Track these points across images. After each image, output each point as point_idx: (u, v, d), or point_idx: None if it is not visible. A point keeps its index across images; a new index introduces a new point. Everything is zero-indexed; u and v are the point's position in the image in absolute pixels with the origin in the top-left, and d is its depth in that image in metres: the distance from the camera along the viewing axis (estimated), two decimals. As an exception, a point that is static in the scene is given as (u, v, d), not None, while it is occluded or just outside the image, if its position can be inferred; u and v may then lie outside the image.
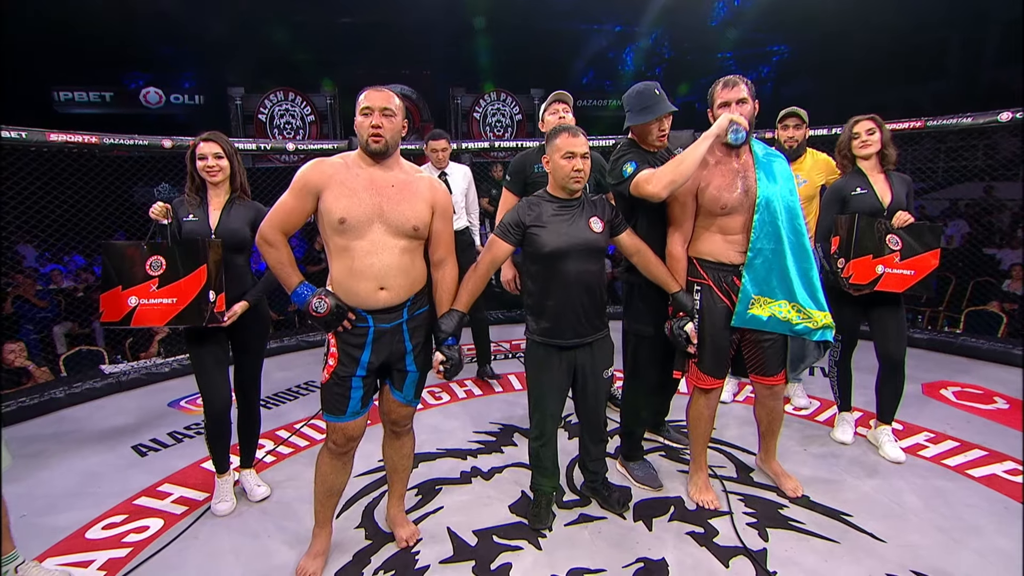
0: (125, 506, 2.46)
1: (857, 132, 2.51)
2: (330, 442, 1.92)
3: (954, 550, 2.03)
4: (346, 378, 1.83)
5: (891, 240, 2.45)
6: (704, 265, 2.20)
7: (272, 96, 11.31)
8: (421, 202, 1.83)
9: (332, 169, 1.77)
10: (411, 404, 2.00)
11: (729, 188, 2.09)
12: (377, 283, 1.77)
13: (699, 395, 2.31)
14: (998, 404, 3.25)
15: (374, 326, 1.82)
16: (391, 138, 1.77)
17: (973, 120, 3.79)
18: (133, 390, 3.90)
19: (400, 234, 1.78)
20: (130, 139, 3.83)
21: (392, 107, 1.76)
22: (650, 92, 2.20)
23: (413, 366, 1.93)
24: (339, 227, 1.73)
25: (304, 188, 1.76)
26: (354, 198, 1.73)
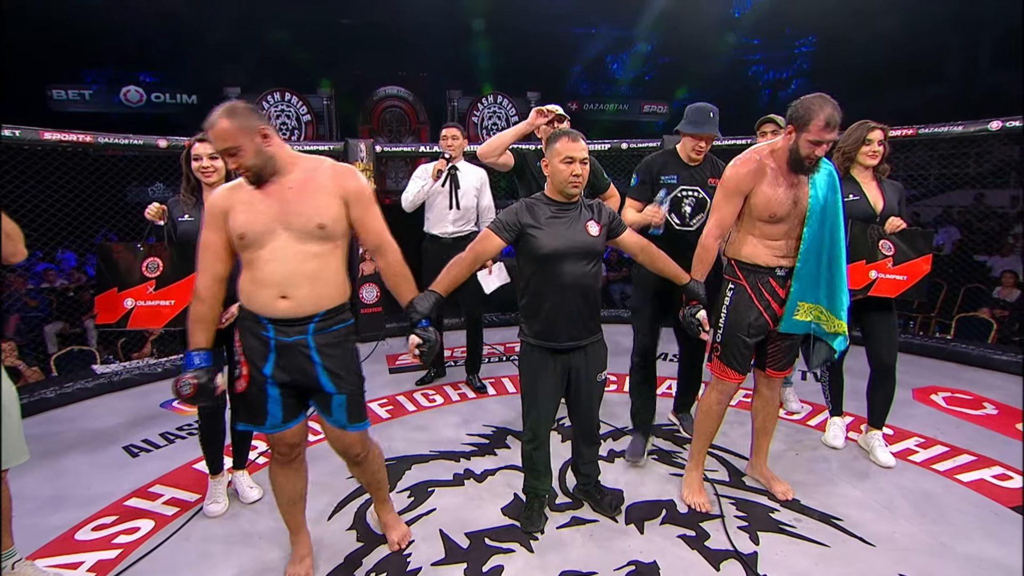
0: (116, 507, 2.45)
1: (870, 140, 2.51)
2: (275, 452, 1.87)
3: (943, 555, 2.04)
4: (260, 386, 1.74)
5: (884, 246, 2.48)
6: (742, 267, 2.22)
7: (269, 97, 11.31)
8: (325, 196, 1.70)
9: (230, 191, 1.72)
10: (349, 429, 1.84)
11: (781, 200, 2.09)
12: (277, 291, 1.67)
13: (714, 388, 2.32)
14: (987, 410, 3.28)
15: (274, 337, 1.71)
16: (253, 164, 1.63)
17: (964, 128, 3.83)
18: (125, 391, 3.88)
19: (306, 237, 1.67)
20: (125, 138, 3.82)
21: (230, 144, 1.59)
22: (705, 111, 2.50)
23: (331, 386, 1.76)
24: (241, 243, 1.67)
25: (213, 217, 1.71)
26: (251, 211, 1.66)
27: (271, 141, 1.65)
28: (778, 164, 2.10)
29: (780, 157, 2.10)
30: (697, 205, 2.61)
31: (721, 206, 2.18)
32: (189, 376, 1.68)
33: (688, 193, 2.61)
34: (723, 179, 2.18)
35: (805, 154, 2.00)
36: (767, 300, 2.18)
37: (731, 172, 2.15)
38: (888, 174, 2.64)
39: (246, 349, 1.75)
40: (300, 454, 1.91)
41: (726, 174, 2.17)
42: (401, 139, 12.37)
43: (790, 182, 2.09)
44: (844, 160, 2.61)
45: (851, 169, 2.61)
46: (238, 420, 1.83)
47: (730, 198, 2.15)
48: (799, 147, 2.01)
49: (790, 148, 2.04)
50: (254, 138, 1.61)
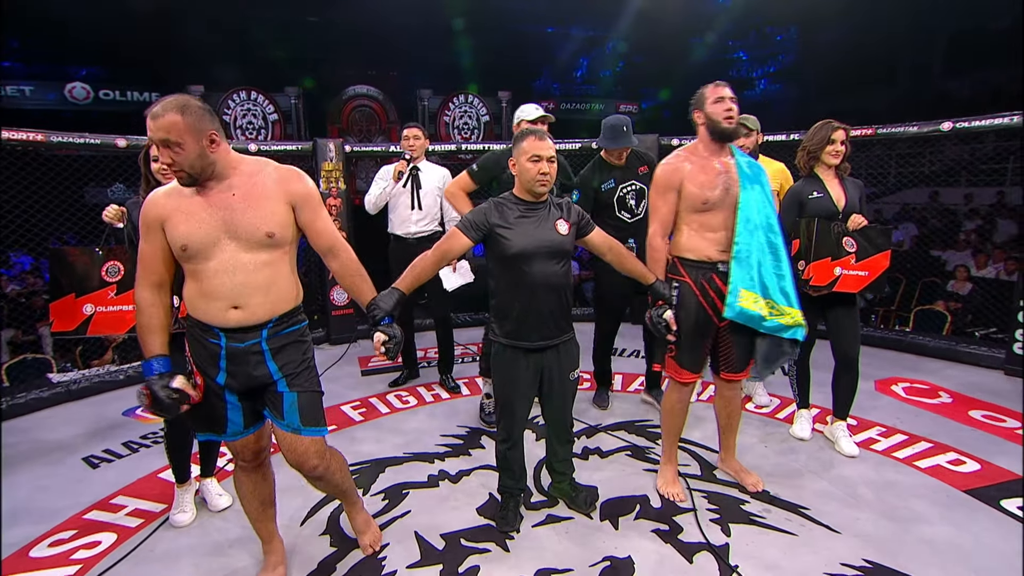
0: (74, 521, 2.36)
1: (834, 139, 2.59)
2: (239, 460, 1.80)
3: (903, 539, 2.12)
4: (218, 395, 1.68)
5: (847, 243, 2.55)
6: (684, 263, 2.26)
7: (235, 95, 11.03)
8: (272, 202, 1.62)
9: (166, 199, 1.61)
10: (302, 433, 1.73)
11: (711, 185, 2.17)
12: (229, 303, 1.60)
13: (674, 389, 2.37)
14: (943, 398, 3.41)
15: (226, 344, 1.64)
16: (191, 166, 1.53)
17: (919, 129, 3.98)
18: (84, 399, 3.73)
19: (254, 247, 1.60)
20: (80, 137, 3.67)
21: (173, 137, 1.49)
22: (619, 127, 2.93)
23: (283, 384, 1.70)
24: (183, 254, 1.59)
25: (148, 227, 1.61)
26: (192, 221, 1.56)
27: (217, 147, 1.57)
28: (706, 153, 2.23)
29: (705, 144, 2.23)
30: (638, 195, 3.08)
31: (658, 206, 2.26)
32: (144, 387, 1.60)
33: (628, 189, 3.08)
34: (654, 180, 2.27)
35: (718, 117, 2.15)
36: (711, 296, 2.22)
37: (659, 172, 2.25)
38: (849, 172, 2.72)
39: (195, 358, 1.68)
40: (265, 459, 1.87)
41: (656, 175, 2.27)
42: (371, 139, 12.21)
43: (718, 170, 2.19)
44: (809, 159, 2.68)
45: (815, 168, 2.68)
46: (198, 430, 1.75)
47: (664, 195, 2.23)
48: (710, 116, 2.17)
49: (707, 127, 2.20)
50: (200, 140, 1.53)
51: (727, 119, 2.14)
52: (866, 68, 12.62)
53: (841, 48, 12.77)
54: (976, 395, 3.44)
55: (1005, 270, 6.30)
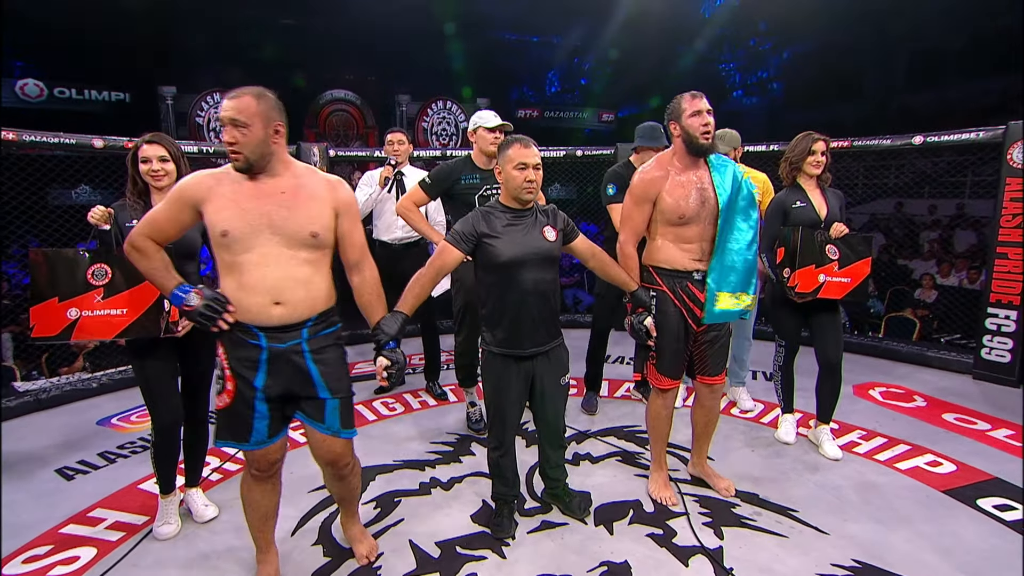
0: (50, 536, 2.26)
1: (815, 150, 2.66)
2: (252, 469, 1.78)
3: (888, 539, 2.18)
4: (248, 403, 1.67)
5: (830, 250, 2.63)
6: (660, 272, 2.28)
7: (208, 97, 10.81)
8: (319, 204, 1.67)
9: (213, 181, 1.63)
10: (341, 435, 1.78)
11: (686, 198, 2.18)
12: (270, 297, 1.61)
13: (656, 395, 2.40)
14: (917, 402, 3.53)
15: (267, 346, 1.65)
16: (251, 151, 1.58)
17: (892, 142, 4.14)
18: (55, 408, 3.58)
19: (296, 244, 1.63)
20: (55, 137, 3.55)
21: (243, 118, 1.55)
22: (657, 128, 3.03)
23: (326, 391, 1.73)
24: (222, 241, 1.59)
25: (180, 200, 1.63)
26: (236, 209, 1.59)
27: (279, 140, 1.64)
28: (681, 165, 2.22)
29: (680, 156, 2.22)
30: None
31: (632, 214, 2.26)
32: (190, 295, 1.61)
33: None
34: (630, 188, 2.26)
35: (695, 132, 2.13)
36: (688, 304, 2.26)
37: (636, 180, 2.25)
38: (830, 183, 2.81)
39: (232, 362, 1.67)
40: (278, 470, 1.84)
41: (632, 183, 2.26)
42: (348, 143, 12.10)
43: (695, 183, 2.20)
44: (791, 170, 2.76)
45: (797, 178, 2.76)
46: (220, 438, 1.72)
47: (639, 205, 2.24)
48: (686, 129, 2.15)
49: (683, 139, 2.18)
50: (267, 127, 1.59)
51: (704, 135, 2.13)
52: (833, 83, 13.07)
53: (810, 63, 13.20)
54: (948, 399, 3.57)
55: (968, 279, 6.57)
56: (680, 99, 2.19)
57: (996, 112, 8.36)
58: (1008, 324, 3.77)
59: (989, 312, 3.85)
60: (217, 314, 1.59)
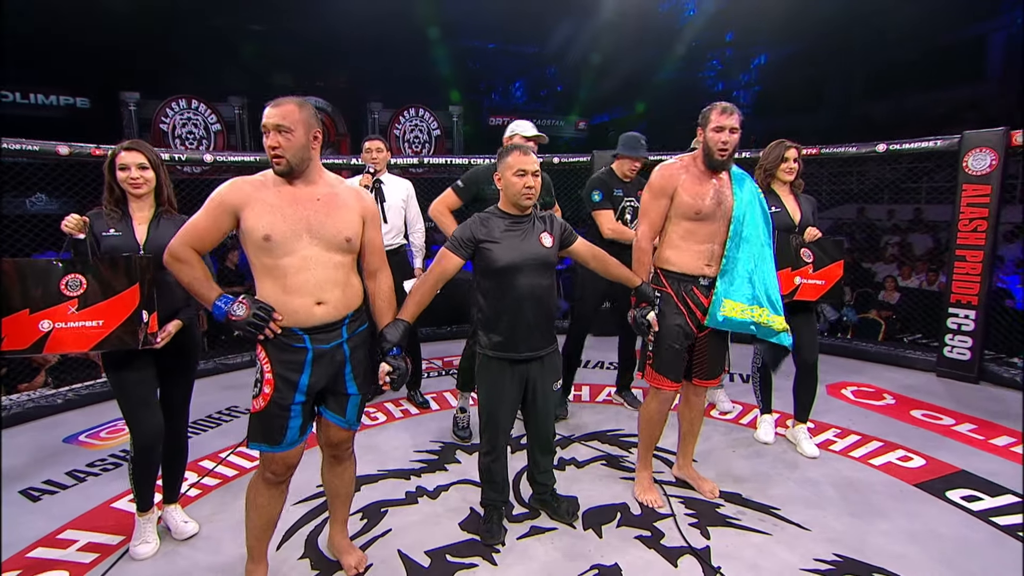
0: (17, 560, 2.15)
1: (787, 157, 2.76)
2: (267, 472, 1.79)
3: (867, 532, 2.25)
4: (285, 408, 1.71)
5: (804, 253, 2.72)
6: (667, 275, 2.32)
7: (174, 103, 10.53)
8: (350, 212, 1.77)
9: (251, 187, 1.68)
10: (353, 428, 1.93)
11: (704, 196, 2.23)
12: (313, 298, 1.70)
13: (653, 397, 2.42)
14: (887, 400, 3.66)
15: (312, 347, 1.72)
16: (293, 155, 1.65)
17: (857, 149, 4.30)
18: (16, 426, 3.42)
19: (333, 248, 1.73)
20: (16, 143, 3.41)
21: (287, 123, 1.63)
22: (637, 139, 3.23)
23: (354, 388, 1.84)
24: (265, 245, 1.64)
25: (220, 207, 1.67)
26: (277, 214, 1.65)
27: (317, 146, 1.72)
28: (700, 168, 2.29)
29: (700, 160, 2.29)
30: (634, 212, 3.23)
31: (649, 209, 2.31)
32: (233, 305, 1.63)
33: (628, 204, 3.28)
34: (649, 183, 2.33)
35: (712, 146, 2.20)
36: (691, 308, 2.31)
37: (656, 175, 2.31)
38: (803, 188, 2.90)
39: (276, 366, 1.71)
40: (291, 476, 1.86)
41: (652, 178, 2.33)
42: (319, 151, 11.93)
43: (713, 184, 2.26)
44: (765, 176, 2.84)
45: (771, 184, 2.85)
46: (253, 440, 1.75)
47: (657, 199, 2.29)
48: (707, 142, 2.22)
49: (704, 148, 2.25)
50: (308, 134, 1.68)
51: (720, 151, 2.19)
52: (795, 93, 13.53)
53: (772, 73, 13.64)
54: (915, 396, 3.71)
55: (927, 280, 6.85)
56: (711, 109, 2.22)
57: (947, 121, 8.79)
58: (967, 323, 3.94)
59: (950, 312, 4.02)
60: (264, 323, 1.64)
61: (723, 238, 2.26)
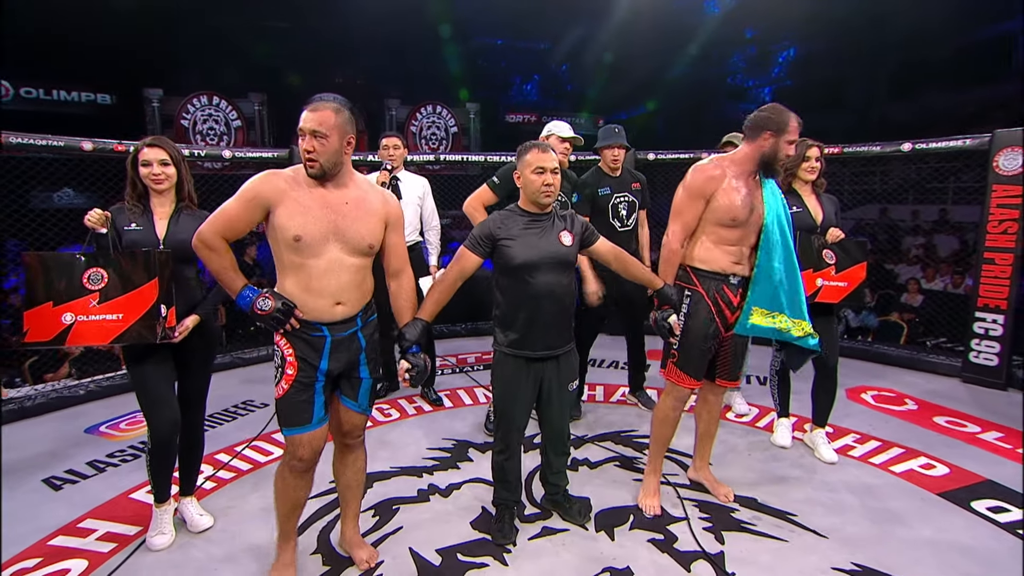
0: (38, 548, 2.20)
1: (809, 156, 2.70)
2: (294, 460, 1.83)
3: (886, 541, 2.20)
4: (309, 384, 1.79)
5: (826, 255, 2.66)
6: (697, 273, 2.28)
7: (195, 100, 10.69)
8: (375, 218, 1.82)
9: (286, 184, 1.72)
10: (365, 412, 1.98)
11: (743, 204, 2.18)
12: (334, 299, 1.77)
13: (669, 394, 2.39)
14: (909, 405, 3.58)
15: (331, 336, 1.80)
16: (326, 160, 1.70)
17: (882, 149, 4.20)
18: (40, 416, 3.50)
19: (356, 252, 1.79)
20: (43, 139, 3.48)
21: (323, 128, 1.68)
22: (612, 128, 3.23)
23: (366, 372, 1.92)
24: (294, 245, 1.70)
25: (255, 199, 1.70)
26: (308, 216, 1.70)
27: (349, 151, 1.77)
28: (739, 171, 2.21)
29: (742, 164, 2.21)
30: (629, 207, 3.28)
31: (685, 210, 2.22)
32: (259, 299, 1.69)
33: (621, 199, 3.26)
34: (687, 183, 2.22)
35: (782, 155, 2.16)
36: (720, 307, 2.27)
37: (695, 176, 2.20)
38: (825, 188, 2.84)
39: (297, 349, 1.77)
40: (317, 462, 1.90)
41: (689, 178, 2.22)
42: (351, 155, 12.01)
43: (749, 189, 2.20)
44: (786, 175, 2.78)
45: (793, 183, 2.79)
46: (284, 426, 1.81)
47: (694, 201, 2.20)
48: (779, 149, 2.14)
49: (764, 153, 2.16)
50: (342, 139, 1.72)
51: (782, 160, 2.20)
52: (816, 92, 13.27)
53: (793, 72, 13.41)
54: (938, 402, 3.62)
55: (952, 283, 6.68)
56: (789, 117, 2.14)
57: (975, 122, 8.56)
58: (995, 328, 3.83)
59: (977, 316, 3.92)
60: (287, 318, 1.72)
61: (752, 241, 2.23)
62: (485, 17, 12.40)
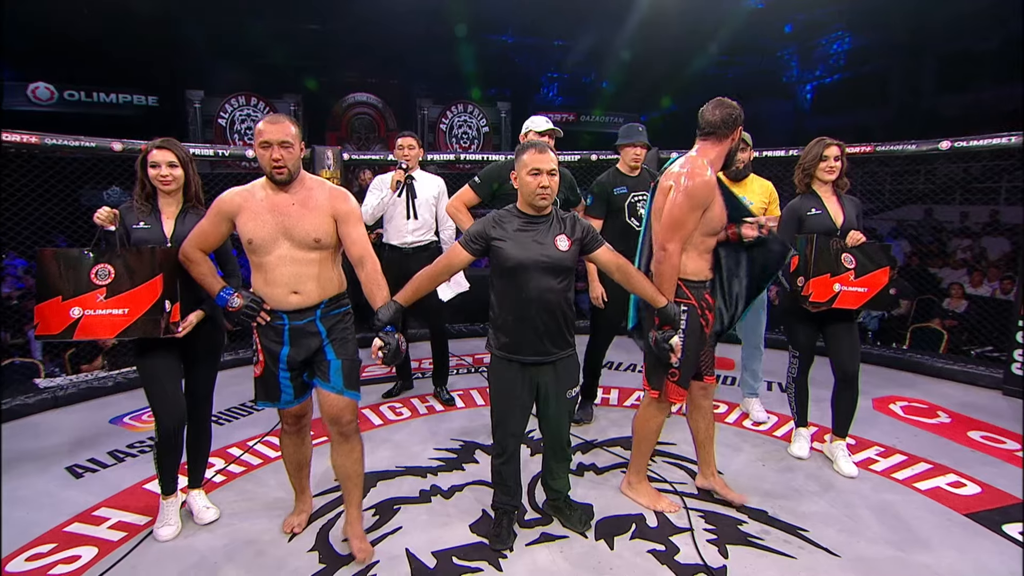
0: (54, 534, 2.28)
1: (827, 156, 2.59)
2: (284, 424, 2.18)
3: (904, 564, 2.08)
4: (274, 370, 2.03)
5: (846, 259, 2.54)
6: (688, 285, 2.21)
7: (232, 101, 11.02)
8: (320, 215, 1.96)
9: (241, 197, 1.96)
10: (344, 394, 2.04)
11: (724, 210, 2.20)
12: (289, 288, 1.96)
13: (661, 410, 2.35)
14: (941, 418, 3.38)
15: (289, 323, 1.99)
16: (292, 165, 1.92)
17: (917, 147, 3.99)
18: (71, 406, 3.66)
19: (304, 247, 1.95)
20: (76, 140, 3.63)
21: (290, 138, 1.89)
22: (635, 127, 3.14)
23: (331, 353, 2.03)
24: (250, 246, 1.94)
25: (218, 214, 1.97)
26: (258, 221, 1.92)
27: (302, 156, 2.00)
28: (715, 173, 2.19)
29: (715, 165, 2.17)
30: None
31: (687, 220, 2.10)
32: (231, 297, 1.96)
33: (639, 198, 3.12)
34: (691, 191, 2.08)
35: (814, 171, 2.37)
36: (705, 312, 2.25)
37: (697, 184, 2.08)
38: (847, 189, 2.71)
39: (263, 340, 2.02)
40: (306, 425, 2.22)
41: (695, 186, 2.07)
42: (369, 146, 12.23)
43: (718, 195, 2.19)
44: (804, 176, 2.68)
45: (811, 184, 2.68)
46: (258, 399, 2.11)
47: (696, 210, 2.10)
48: (736, 148, 2.21)
49: (730, 150, 2.19)
50: (300, 146, 1.96)
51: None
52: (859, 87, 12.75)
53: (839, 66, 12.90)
54: (975, 415, 3.41)
55: (1001, 289, 6.32)
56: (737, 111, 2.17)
57: None
58: (1040, 338, 3.60)
59: (1021, 325, 3.68)
60: (256, 312, 1.96)
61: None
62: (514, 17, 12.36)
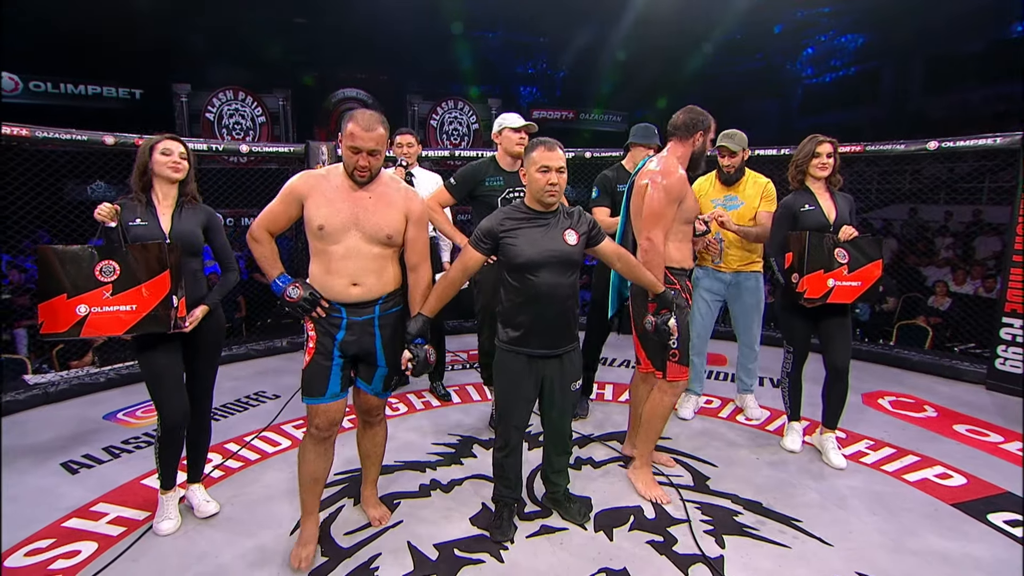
0: (52, 529, 2.27)
1: (820, 152, 2.66)
2: (312, 428, 2.02)
3: (894, 552, 2.14)
4: (327, 360, 1.97)
5: (839, 254, 2.59)
6: (674, 272, 2.40)
7: (220, 95, 10.89)
8: (396, 212, 1.96)
9: (315, 180, 1.95)
10: (380, 396, 2.14)
11: (696, 200, 2.45)
12: (350, 280, 1.93)
13: (671, 392, 2.45)
14: (928, 412, 3.47)
15: (347, 317, 1.97)
16: (375, 170, 1.93)
17: (906, 147, 4.07)
18: (63, 402, 3.62)
19: (374, 241, 1.94)
20: (67, 133, 3.58)
21: (380, 147, 1.89)
22: (651, 128, 3.16)
23: (382, 360, 2.04)
24: (318, 232, 1.91)
25: (290, 196, 1.94)
26: (332, 207, 1.90)
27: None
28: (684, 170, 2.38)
29: (683, 163, 2.38)
30: None
31: (666, 214, 2.31)
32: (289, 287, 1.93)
33: None
34: (668, 187, 2.31)
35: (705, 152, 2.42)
36: (687, 296, 2.44)
37: (672, 180, 2.30)
38: (840, 186, 2.76)
39: (318, 328, 1.98)
40: (335, 435, 2.09)
41: (670, 182, 2.30)
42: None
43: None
44: (797, 172, 2.73)
45: (805, 181, 2.73)
46: (305, 393, 2.00)
47: (673, 204, 2.31)
48: (705, 146, 2.41)
49: (694, 151, 2.40)
50: (385, 148, 1.94)
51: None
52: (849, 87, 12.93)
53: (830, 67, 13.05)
54: (960, 409, 3.50)
55: (984, 287, 6.45)
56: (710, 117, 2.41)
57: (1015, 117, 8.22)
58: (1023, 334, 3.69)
59: (1004, 322, 3.77)
60: (312, 307, 1.93)
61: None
62: (507, 13, 12.36)
